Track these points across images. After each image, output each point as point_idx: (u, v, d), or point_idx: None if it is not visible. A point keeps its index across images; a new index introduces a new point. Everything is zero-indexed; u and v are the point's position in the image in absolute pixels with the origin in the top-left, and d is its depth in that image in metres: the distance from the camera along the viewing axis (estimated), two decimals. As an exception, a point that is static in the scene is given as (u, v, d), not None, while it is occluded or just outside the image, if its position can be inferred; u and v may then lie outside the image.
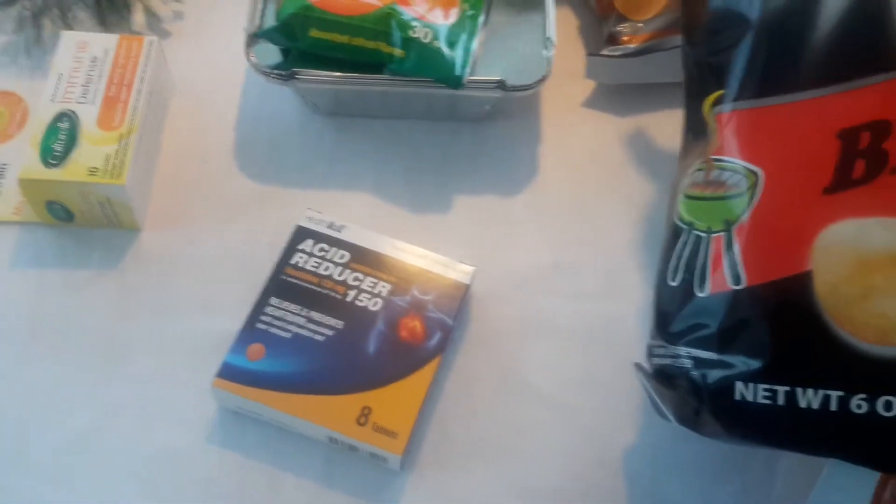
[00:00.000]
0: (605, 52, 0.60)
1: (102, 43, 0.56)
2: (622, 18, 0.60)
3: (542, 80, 0.55)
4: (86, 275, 0.53)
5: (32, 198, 0.52)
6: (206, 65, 0.62)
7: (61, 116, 0.52)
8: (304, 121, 0.60)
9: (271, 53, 0.56)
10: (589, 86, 0.63)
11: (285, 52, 0.55)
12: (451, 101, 0.57)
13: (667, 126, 0.61)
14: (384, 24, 0.53)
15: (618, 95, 0.62)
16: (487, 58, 0.57)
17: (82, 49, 0.55)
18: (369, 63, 0.54)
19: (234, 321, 0.51)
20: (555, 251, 0.56)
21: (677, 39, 0.58)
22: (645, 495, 0.48)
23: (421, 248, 0.53)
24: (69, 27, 0.61)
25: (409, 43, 0.53)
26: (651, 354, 0.44)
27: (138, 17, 0.62)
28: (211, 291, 0.53)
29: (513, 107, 0.61)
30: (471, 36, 0.55)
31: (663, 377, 0.42)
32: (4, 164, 0.57)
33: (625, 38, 0.59)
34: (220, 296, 0.53)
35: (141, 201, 0.54)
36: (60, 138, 0.52)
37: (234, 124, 0.60)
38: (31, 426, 0.49)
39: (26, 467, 0.47)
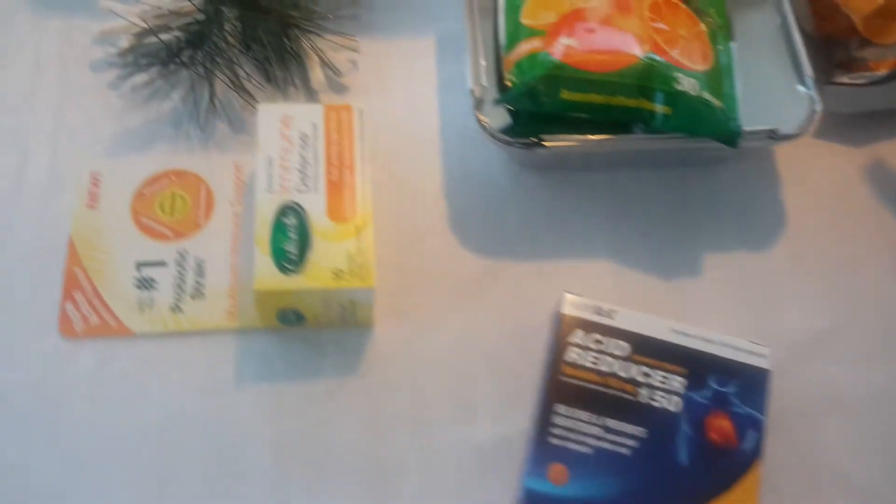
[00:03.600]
0: (845, 79, 0.54)
1: (307, 116, 0.48)
2: (865, 42, 0.54)
3: (811, 122, 0.49)
4: (324, 385, 0.47)
5: (265, 307, 0.45)
6: (393, 123, 0.55)
7: (285, 210, 0.45)
8: (513, 179, 0.54)
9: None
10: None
11: (513, 112, 0.49)
12: (688, 148, 0.51)
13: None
14: (647, 78, 0.46)
15: (850, 124, 0.57)
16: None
17: (287, 125, 0.48)
18: (620, 121, 0.48)
19: (496, 426, 0.46)
20: (825, 311, 0.51)
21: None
22: None
23: (694, 325, 0.47)
24: (240, 87, 0.53)
25: (675, 98, 0.46)
26: None
27: (316, 73, 0.54)
28: (462, 391, 0.47)
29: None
30: (732, 81, 0.48)
31: None
32: (202, 260, 0.50)
33: (870, 64, 0.53)
34: (474, 396, 0.47)
35: (374, 296, 0.48)
36: (291, 237, 0.45)
37: (440, 190, 0.53)
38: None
39: None
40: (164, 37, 0.52)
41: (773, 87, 0.51)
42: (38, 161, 0.52)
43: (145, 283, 0.49)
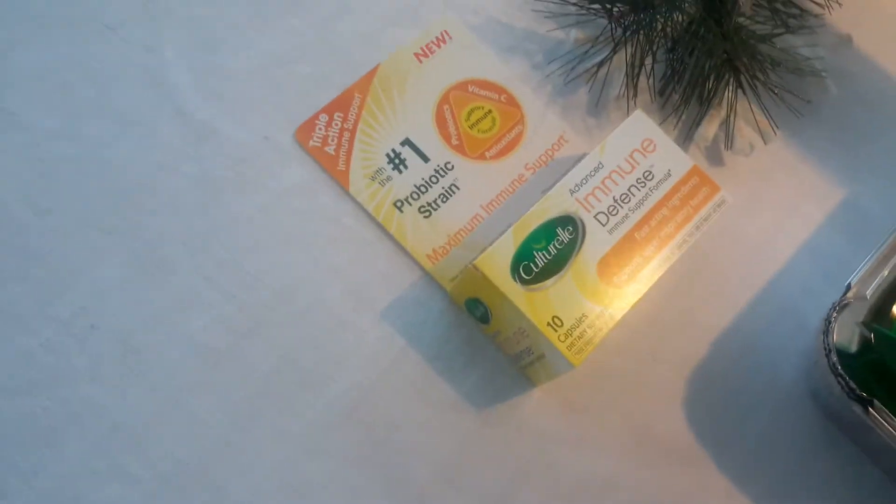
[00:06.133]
0: None
1: (670, 157, 0.39)
2: None
3: None
4: (442, 397, 0.39)
5: (467, 284, 0.38)
6: (723, 239, 0.45)
7: (567, 221, 0.38)
8: (803, 410, 0.42)
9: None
10: None
11: (864, 345, 0.38)
12: None
13: None
14: None
15: None
16: None
17: (644, 149, 0.40)
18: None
19: None
20: None
21: None
22: None
23: None
24: (633, 78, 0.45)
25: None
26: None
27: (710, 126, 0.45)
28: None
29: None
30: None
31: None
32: (457, 189, 0.43)
33: None
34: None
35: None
36: (550, 250, 0.37)
37: (705, 339, 0.43)
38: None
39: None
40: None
41: None
42: (412, -19, 0.48)
43: (396, 161, 0.43)
